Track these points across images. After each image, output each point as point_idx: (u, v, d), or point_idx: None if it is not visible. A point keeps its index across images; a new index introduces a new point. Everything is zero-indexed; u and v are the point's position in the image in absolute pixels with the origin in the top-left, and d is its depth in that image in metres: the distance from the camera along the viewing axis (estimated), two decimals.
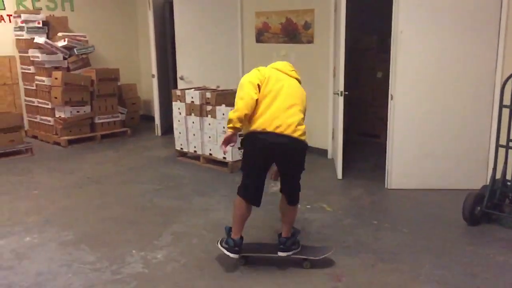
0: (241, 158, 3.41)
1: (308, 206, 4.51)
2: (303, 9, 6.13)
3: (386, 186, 5.00)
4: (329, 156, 6.21)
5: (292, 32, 6.29)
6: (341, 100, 5.13)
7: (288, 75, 3.30)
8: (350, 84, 5.37)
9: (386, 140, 5.01)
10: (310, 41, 6.13)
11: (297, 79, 3.36)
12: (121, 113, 7.76)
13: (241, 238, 3.29)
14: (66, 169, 5.84)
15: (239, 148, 3.12)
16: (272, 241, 3.60)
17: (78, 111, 7.10)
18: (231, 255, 3.27)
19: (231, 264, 3.39)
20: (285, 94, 3.18)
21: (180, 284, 3.17)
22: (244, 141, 3.28)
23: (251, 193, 3.24)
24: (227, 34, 6.96)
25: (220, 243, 3.37)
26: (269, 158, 3.23)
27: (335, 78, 5.74)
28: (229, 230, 3.35)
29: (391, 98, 4.81)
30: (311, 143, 6.37)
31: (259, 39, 6.70)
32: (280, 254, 3.33)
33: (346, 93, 5.14)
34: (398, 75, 4.74)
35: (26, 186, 5.25)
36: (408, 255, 3.53)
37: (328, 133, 6.21)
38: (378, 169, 5.48)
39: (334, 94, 5.58)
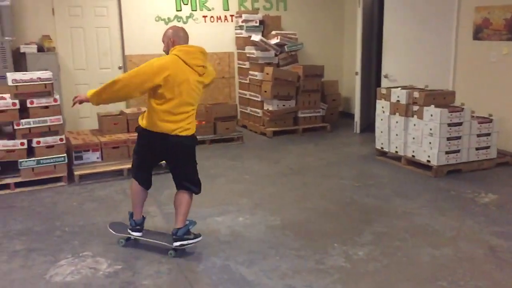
0: None
1: None
2: None
3: None
4: None
5: None
6: None
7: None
8: None
9: None
10: None
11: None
12: (322, 109, 7.98)
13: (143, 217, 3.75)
14: (272, 158, 6.28)
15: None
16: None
17: (284, 105, 7.55)
18: (134, 233, 3.68)
19: (429, 274, 3.23)
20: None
21: (383, 285, 3.15)
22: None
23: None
24: (439, 31, 6.57)
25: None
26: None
27: None
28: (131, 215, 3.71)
29: None
30: None
31: (476, 36, 6.16)
32: (175, 244, 3.53)
33: None
34: None
35: (238, 171, 5.80)
36: None
37: None
38: None
39: None
